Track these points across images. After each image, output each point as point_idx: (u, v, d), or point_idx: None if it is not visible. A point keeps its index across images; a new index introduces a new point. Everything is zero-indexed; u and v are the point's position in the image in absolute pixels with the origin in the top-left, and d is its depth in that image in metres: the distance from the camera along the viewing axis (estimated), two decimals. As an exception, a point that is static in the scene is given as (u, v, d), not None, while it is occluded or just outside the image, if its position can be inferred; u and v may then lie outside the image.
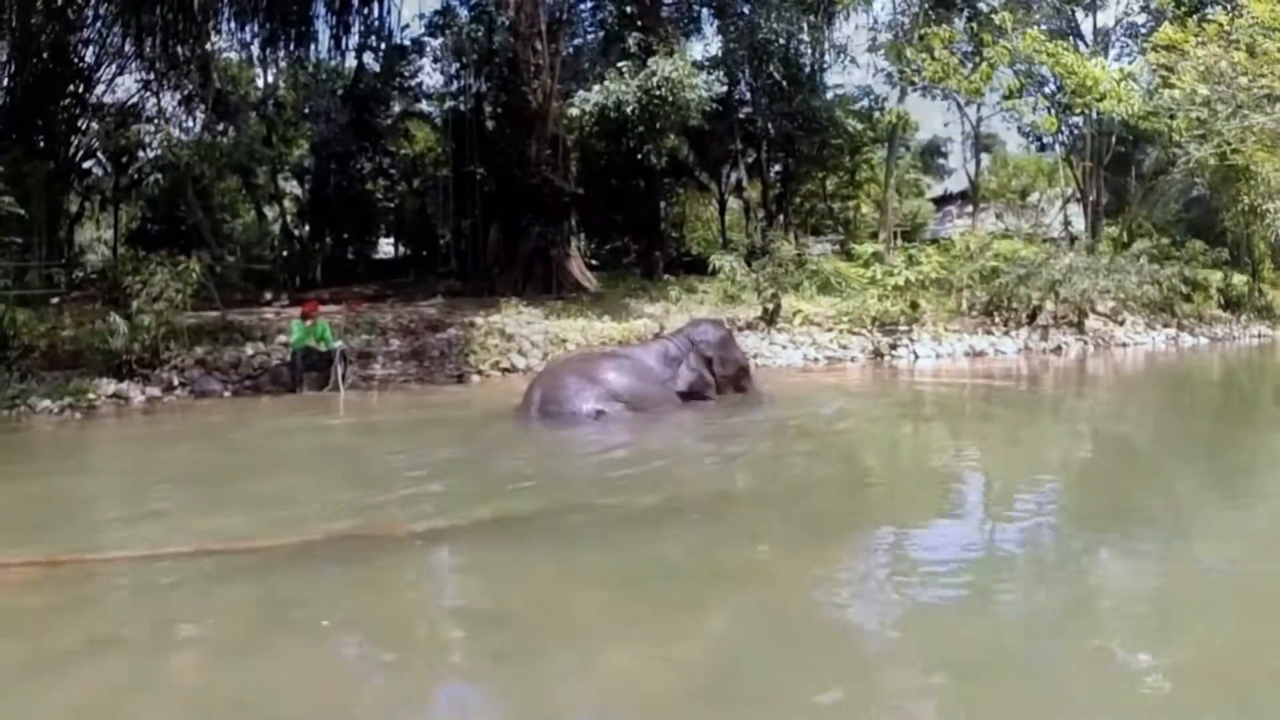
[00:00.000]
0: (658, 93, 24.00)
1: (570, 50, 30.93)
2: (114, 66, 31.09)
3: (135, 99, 33.30)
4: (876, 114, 36.07)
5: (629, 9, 29.37)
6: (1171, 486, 8.97)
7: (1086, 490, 9.01)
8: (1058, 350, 25.28)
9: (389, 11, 32.96)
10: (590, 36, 32.62)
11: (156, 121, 32.87)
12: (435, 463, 9.68)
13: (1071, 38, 35.57)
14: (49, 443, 12.67)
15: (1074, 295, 26.49)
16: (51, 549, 6.21)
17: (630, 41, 26.61)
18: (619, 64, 25.25)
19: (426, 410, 14.34)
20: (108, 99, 32.20)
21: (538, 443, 10.70)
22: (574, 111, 25.18)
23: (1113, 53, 36.66)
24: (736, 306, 24.23)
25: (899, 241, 33.78)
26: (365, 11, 32.30)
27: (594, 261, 33.84)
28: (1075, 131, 37.32)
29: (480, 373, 18.56)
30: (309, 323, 16.92)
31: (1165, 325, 30.53)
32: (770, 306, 23.41)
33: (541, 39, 25.89)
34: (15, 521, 7.36)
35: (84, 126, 31.10)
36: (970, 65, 28.42)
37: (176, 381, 16.35)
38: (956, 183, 48.14)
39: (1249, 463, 10.28)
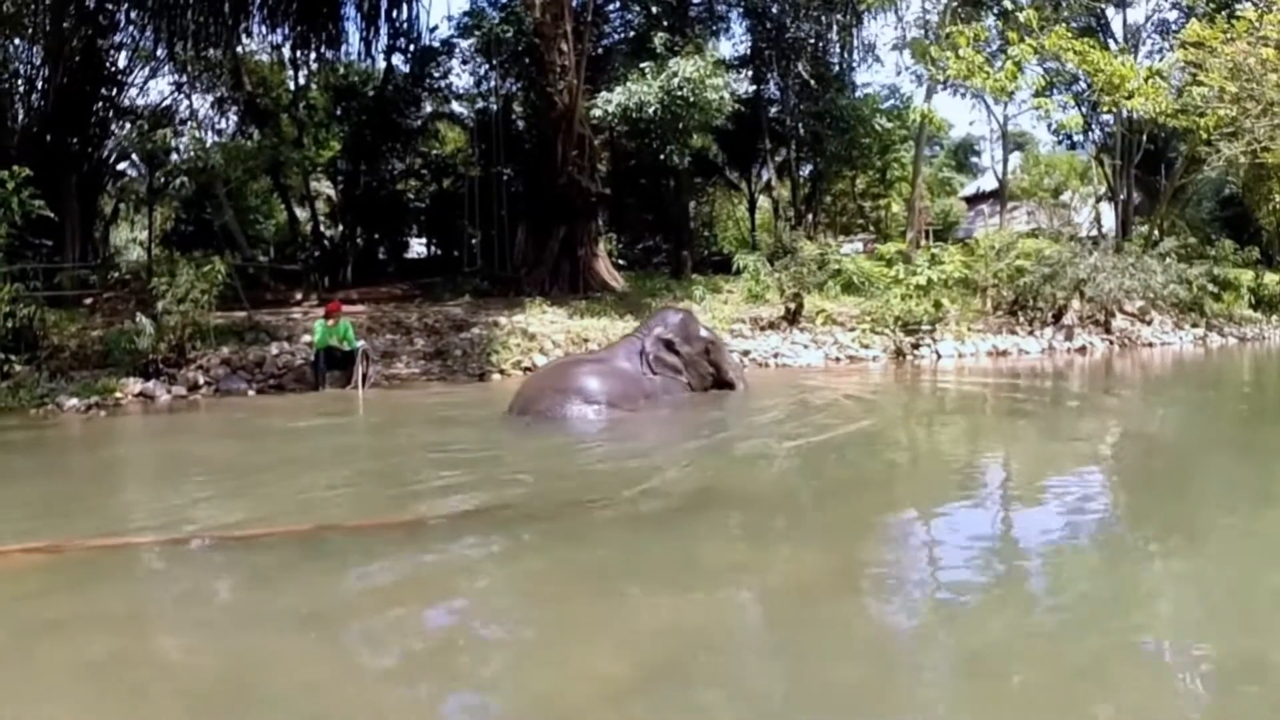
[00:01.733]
0: (679, 93, 24.05)
1: (600, 51, 31.09)
2: (146, 70, 31.49)
3: (168, 102, 33.76)
4: (901, 113, 36.03)
5: (655, 9, 29.44)
6: (1203, 484, 8.78)
7: (1092, 486, 8.78)
8: (1082, 350, 25.12)
9: (417, 14, 33.34)
10: (618, 37, 32.66)
11: (188, 124, 33.31)
12: (433, 459, 9.79)
13: (1101, 35, 35.33)
14: (71, 438, 12.91)
15: (1100, 295, 26.35)
16: (62, 535, 6.39)
17: (657, 42, 26.62)
18: (641, 65, 25.31)
19: (440, 409, 14.44)
20: (140, 102, 32.62)
21: (531, 443, 10.76)
22: (597, 112, 25.25)
23: (1143, 50, 36.38)
24: (760, 306, 24.30)
25: (930, 240, 33.76)
26: (394, 14, 32.64)
27: (621, 261, 33.92)
28: (1106, 129, 37.17)
29: (502, 371, 18.75)
30: (331, 323, 17.12)
31: (1194, 325, 30.32)
32: (792, 306, 23.48)
33: (567, 40, 26.01)
34: (28, 510, 7.60)
35: (117, 129, 31.47)
36: (998, 63, 28.29)
37: (202, 380, 16.63)
38: (990, 181, 48.00)
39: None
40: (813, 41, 34.58)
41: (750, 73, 35.54)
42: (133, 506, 7.91)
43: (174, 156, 33.40)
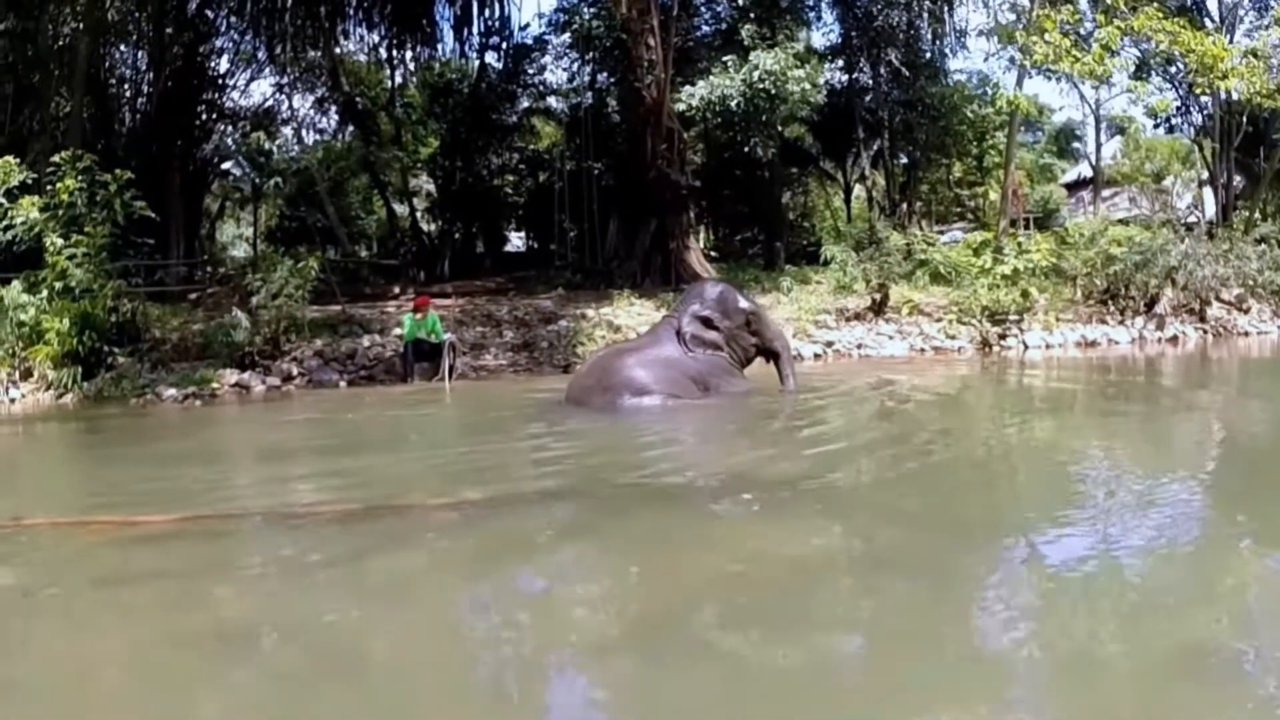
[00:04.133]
0: (760, 86, 24.10)
1: (689, 44, 31.23)
2: (247, 73, 32.33)
3: (269, 103, 34.63)
4: (989, 99, 35.68)
5: (742, 1, 29.47)
6: None
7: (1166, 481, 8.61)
8: (1174, 340, 24.58)
9: (509, 12, 33.78)
10: (708, 30, 32.77)
11: (289, 125, 34.17)
12: (489, 448, 10.16)
13: (1197, 14, 34.57)
14: (166, 425, 13.50)
15: (1193, 282, 25.82)
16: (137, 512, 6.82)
17: (744, 34, 26.64)
18: (725, 58, 25.42)
19: (518, 399, 14.73)
20: (242, 103, 33.51)
21: (585, 431, 11.03)
22: (680, 106, 25.39)
23: (1240, 29, 35.52)
24: (848, 297, 24.23)
25: (1031, 228, 33.39)
26: (486, 12, 33.09)
27: (713, 254, 34.10)
28: (1204, 112, 36.40)
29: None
30: (419, 316, 17.58)
31: (1293, 314, 29.49)
32: (878, 296, 23.42)
33: (654, 34, 26.19)
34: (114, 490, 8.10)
35: (219, 131, 32.35)
36: (1088, 47, 27.86)
37: (295, 372, 17.15)
38: (1090, 167, 47.22)
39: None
40: (903, 29, 34.36)
41: (841, 62, 35.52)
42: (212, 486, 8.29)
43: (273, 156, 34.27)
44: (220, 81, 31.33)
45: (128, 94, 28.44)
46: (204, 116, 30.71)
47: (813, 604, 5.04)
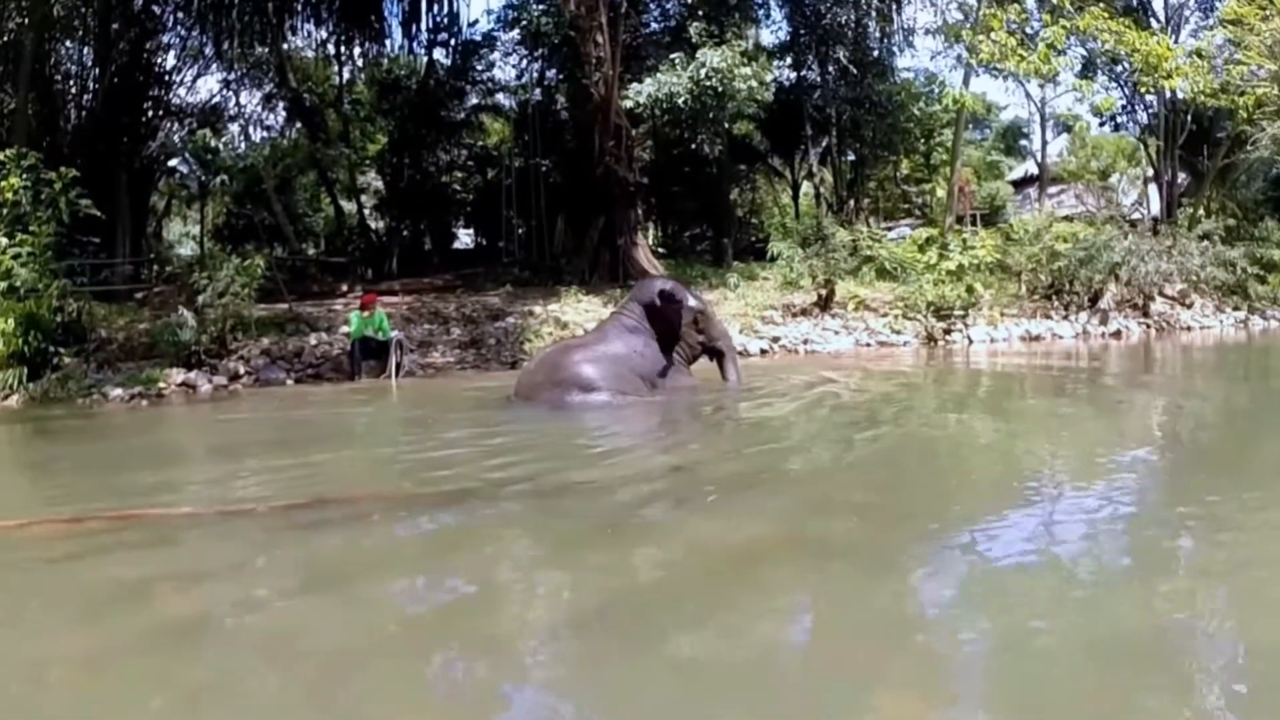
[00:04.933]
0: (708, 84, 24.23)
1: (638, 41, 31.33)
2: (194, 69, 32.10)
3: (216, 99, 34.45)
4: (936, 97, 36.06)
5: (690, -1, 29.67)
6: (1237, 468, 8.63)
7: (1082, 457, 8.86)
8: (1117, 334, 25.08)
9: (457, 8, 33.71)
10: (657, 27, 32.88)
11: (236, 122, 33.98)
12: (436, 443, 10.25)
13: (1143, 14, 35.08)
14: (114, 425, 13.41)
15: (1137, 278, 26.28)
16: (86, 509, 6.87)
17: (693, 31, 26.81)
18: (673, 55, 25.54)
19: (465, 396, 14.82)
20: (189, 100, 33.30)
21: (532, 426, 11.16)
22: (628, 103, 25.48)
23: (1186, 29, 36.12)
24: (794, 293, 24.48)
25: (978, 225, 33.78)
26: (434, 8, 33.03)
27: (661, 250, 34.26)
28: (1150, 111, 36.92)
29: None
30: (367, 314, 17.61)
31: (1235, 308, 30.02)
32: (824, 292, 23.69)
33: (603, 31, 26.28)
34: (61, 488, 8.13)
35: (166, 128, 32.12)
36: (1034, 46, 28.19)
37: (242, 370, 17.10)
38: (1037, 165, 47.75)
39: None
40: (851, 27, 34.64)
41: (790, 60, 35.75)
42: (156, 485, 8.31)
43: (220, 153, 34.08)
44: (167, 78, 31.10)
45: (73, 90, 28.16)
46: (150, 113, 30.46)
47: (755, 593, 5.15)
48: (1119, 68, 34.15)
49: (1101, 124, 41.79)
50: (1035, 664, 4.06)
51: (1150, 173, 39.65)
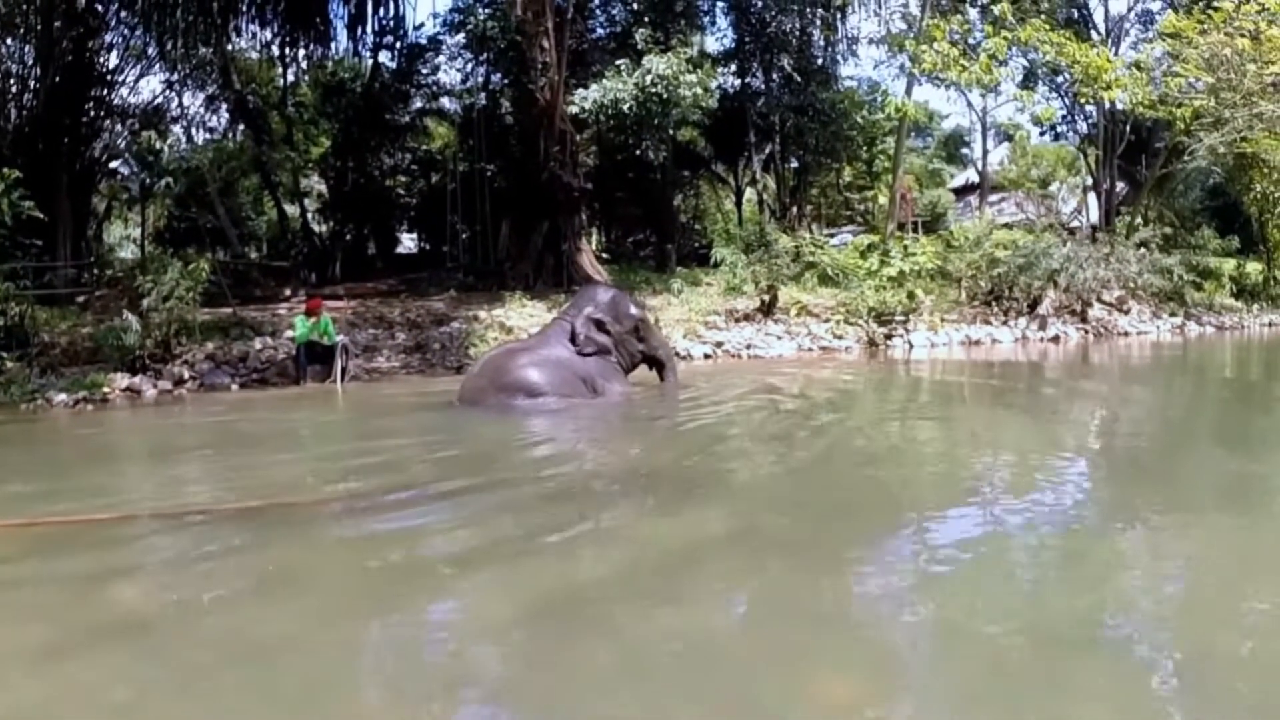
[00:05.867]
0: (653, 90, 24.38)
1: (584, 47, 31.42)
2: (137, 69, 31.76)
3: (159, 100, 34.11)
4: (879, 105, 36.47)
5: (637, 5, 29.80)
6: (1172, 466, 9.08)
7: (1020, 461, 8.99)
8: (1055, 339, 25.51)
9: (403, 11, 33.62)
10: (603, 33, 32.98)
11: (179, 123, 33.67)
12: (381, 446, 10.32)
13: (1084, 27, 35.68)
14: (58, 430, 13.41)
15: (1075, 284, 26.75)
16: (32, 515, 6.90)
17: (639, 38, 26.93)
18: (619, 62, 25.66)
19: (410, 400, 14.89)
20: (131, 101, 32.92)
21: (477, 430, 11.29)
22: (574, 109, 25.57)
23: (1126, 42, 36.78)
24: (737, 298, 24.69)
25: (919, 232, 34.18)
26: (380, 11, 32.90)
27: (605, 255, 34.35)
28: (1089, 121, 37.53)
29: (478, 364, 19.19)
30: (312, 319, 17.61)
31: (1172, 314, 30.67)
32: (766, 298, 23.91)
33: (549, 36, 26.35)
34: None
35: (108, 129, 31.77)
36: (976, 56, 28.59)
37: (187, 375, 17.05)
38: (978, 173, 48.35)
39: (1254, 442, 10.45)
40: (796, 35, 34.92)
41: (734, 67, 35.96)
42: (106, 489, 8.34)
43: (163, 155, 33.79)
44: (109, 78, 30.69)
45: (14, 90, 27.78)
46: (92, 114, 30.10)
47: (702, 585, 5.33)
48: (1060, 78, 34.78)
49: (1042, 133, 42.59)
50: (973, 650, 4.25)
51: (1089, 181, 40.32)
